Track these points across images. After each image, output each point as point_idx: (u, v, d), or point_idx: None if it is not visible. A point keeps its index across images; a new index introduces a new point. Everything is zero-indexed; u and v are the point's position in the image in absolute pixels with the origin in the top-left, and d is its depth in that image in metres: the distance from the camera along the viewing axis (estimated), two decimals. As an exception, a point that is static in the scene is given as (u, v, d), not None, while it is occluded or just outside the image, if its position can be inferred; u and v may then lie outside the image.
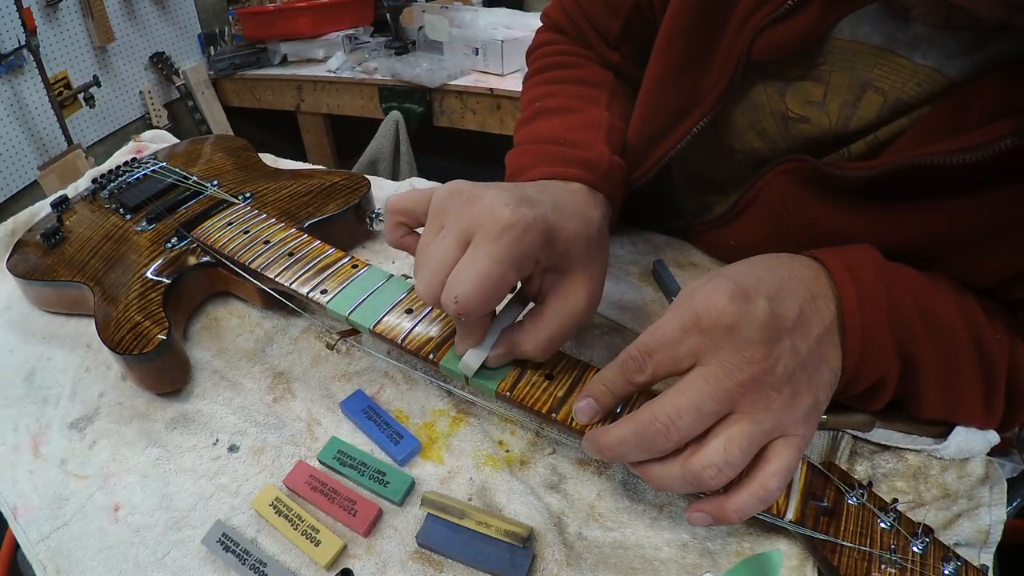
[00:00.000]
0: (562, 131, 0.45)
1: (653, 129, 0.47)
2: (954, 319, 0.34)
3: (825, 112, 0.39)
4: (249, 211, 0.50)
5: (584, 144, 0.44)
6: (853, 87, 0.37)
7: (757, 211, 0.47)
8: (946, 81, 0.34)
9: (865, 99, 0.37)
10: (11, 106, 1.53)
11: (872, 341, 0.32)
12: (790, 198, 0.43)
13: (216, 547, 0.34)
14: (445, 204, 0.33)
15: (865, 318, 0.32)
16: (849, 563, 0.30)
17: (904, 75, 0.35)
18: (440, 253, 0.32)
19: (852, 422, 0.38)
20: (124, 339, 0.41)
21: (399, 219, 0.36)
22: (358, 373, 0.44)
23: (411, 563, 0.34)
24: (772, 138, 0.43)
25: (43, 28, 1.57)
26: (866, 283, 0.33)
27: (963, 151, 0.31)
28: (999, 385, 0.35)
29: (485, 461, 0.38)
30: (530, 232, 0.31)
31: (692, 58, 0.43)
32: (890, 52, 0.35)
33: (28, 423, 0.43)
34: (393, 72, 1.73)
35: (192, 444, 0.40)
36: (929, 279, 0.36)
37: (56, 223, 0.53)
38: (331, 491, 0.36)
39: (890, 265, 0.35)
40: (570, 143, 0.44)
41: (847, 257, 0.34)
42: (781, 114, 0.42)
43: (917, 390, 0.35)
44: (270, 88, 1.98)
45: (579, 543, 0.34)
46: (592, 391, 0.32)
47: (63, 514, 0.37)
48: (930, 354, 0.34)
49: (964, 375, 0.35)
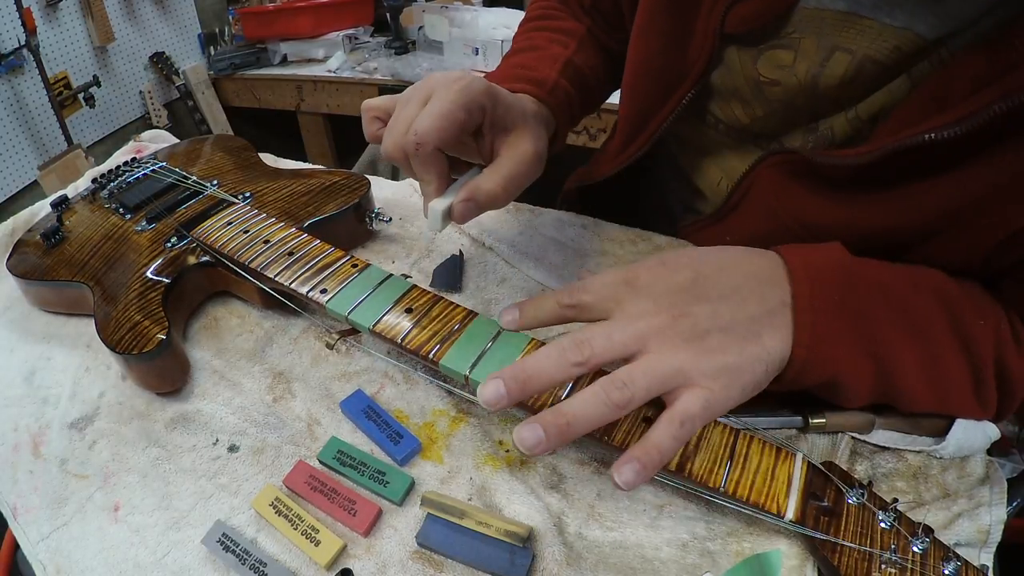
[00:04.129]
0: (523, 61, 0.53)
1: (641, 105, 0.51)
2: (932, 311, 0.35)
3: (793, 73, 0.42)
4: (249, 211, 0.50)
5: (538, 69, 0.51)
6: (822, 50, 0.39)
7: (750, 206, 0.47)
8: (920, 40, 0.35)
9: (833, 59, 0.39)
10: (11, 106, 1.53)
11: (823, 339, 0.32)
12: (782, 191, 0.44)
13: (216, 547, 0.34)
14: (409, 91, 0.38)
15: (816, 315, 0.32)
16: (849, 563, 0.30)
17: (871, 35, 0.36)
18: (405, 113, 0.37)
19: (851, 423, 0.38)
20: (124, 339, 0.41)
21: (373, 114, 0.41)
22: (358, 373, 0.44)
23: (411, 563, 0.34)
24: (750, 104, 0.46)
25: (43, 28, 1.56)
26: (823, 283, 0.33)
27: (952, 125, 0.31)
28: (987, 374, 0.35)
29: (485, 461, 0.38)
30: (476, 82, 0.37)
31: (674, 35, 0.46)
32: (855, 16, 0.37)
33: (28, 423, 0.43)
34: (393, 72, 1.73)
35: (192, 444, 0.40)
36: (905, 274, 0.36)
37: (56, 223, 0.53)
38: (331, 491, 0.36)
39: (859, 263, 0.35)
40: (526, 67, 0.51)
41: (809, 255, 0.34)
42: (754, 80, 0.44)
43: (899, 387, 0.35)
44: (270, 88, 1.98)
45: (579, 543, 0.34)
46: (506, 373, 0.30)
47: (63, 514, 0.37)
48: (906, 350, 0.34)
49: (948, 367, 0.35)
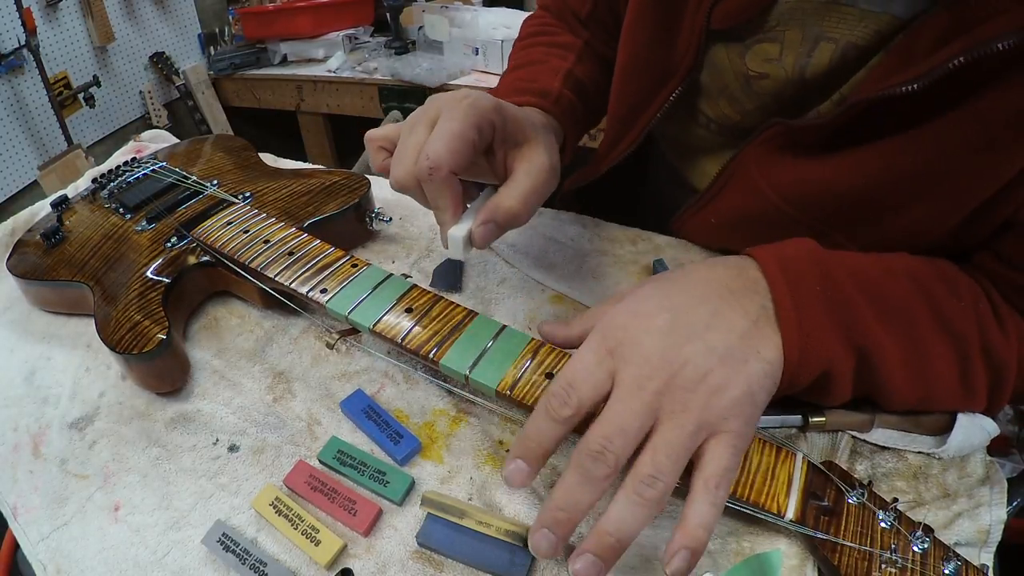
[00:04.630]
0: (524, 75, 0.53)
1: (631, 102, 0.51)
2: (909, 298, 0.34)
3: (782, 66, 0.42)
4: (249, 210, 0.50)
5: (540, 81, 0.52)
6: (806, 40, 0.40)
7: (734, 185, 0.48)
8: (896, 21, 0.36)
9: (818, 49, 0.40)
10: (11, 106, 1.53)
11: (811, 332, 0.32)
12: (764, 165, 0.44)
13: (216, 547, 0.34)
14: (413, 116, 0.38)
15: (800, 311, 0.32)
16: (849, 563, 0.30)
17: (851, 22, 0.37)
18: (412, 139, 0.36)
19: (851, 422, 0.38)
20: (124, 338, 0.41)
21: (378, 144, 0.40)
22: (358, 373, 0.44)
23: (411, 563, 0.34)
24: (740, 100, 0.46)
25: (43, 28, 1.57)
26: (799, 276, 0.33)
27: (913, 80, 0.32)
28: (973, 359, 0.35)
29: (485, 461, 0.38)
30: (484, 99, 0.36)
31: (659, 34, 0.46)
32: (835, 3, 0.37)
33: (28, 423, 0.43)
34: (393, 72, 1.73)
35: (192, 444, 0.40)
36: (877, 261, 0.36)
37: (56, 223, 0.53)
38: (331, 491, 0.36)
39: (830, 254, 0.35)
40: (529, 80, 0.52)
41: (780, 251, 0.34)
42: (743, 75, 0.45)
43: (881, 379, 0.34)
44: (270, 88, 1.98)
45: (579, 543, 0.34)
46: (517, 450, 0.30)
47: (63, 514, 0.37)
48: (886, 339, 0.33)
49: (931, 354, 0.34)
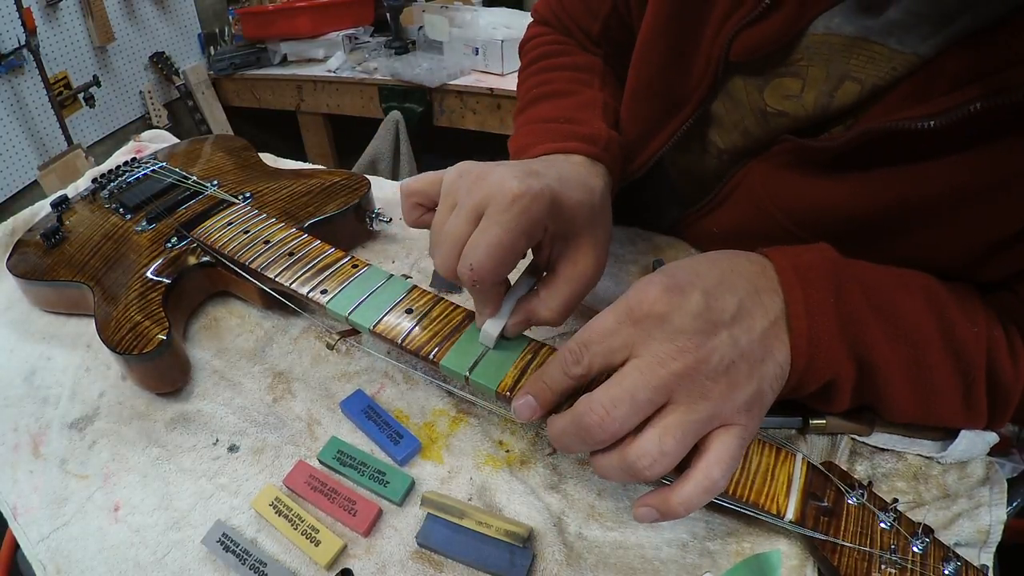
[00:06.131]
0: (561, 111, 0.48)
1: (640, 129, 0.49)
2: (921, 316, 0.34)
3: (802, 103, 0.40)
4: (249, 211, 0.50)
5: (582, 121, 0.46)
6: (831, 79, 0.38)
7: (738, 197, 0.47)
8: (919, 60, 0.34)
9: (842, 89, 0.37)
10: (11, 106, 1.53)
11: (820, 343, 0.32)
12: (770, 181, 0.43)
13: (216, 547, 0.34)
14: (456, 183, 0.35)
15: (812, 320, 0.32)
16: (849, 563, 0.30)
17: (880, 62, 0.35)
18: (454, 228, 0.33)
19: (851, 426, 0.38)
20: (124, 339, 0.41)
21: (415, 200, 0.38)
22: (358, 373, 0.44)
23: (411, 563, 0.34)
24: (754, 135, 0.44)
25: (43, 28, 1.57)
26: (814, 285, 0.33)
27: (931, 116, 0.31)
28: (978, 382, 0.34)
29: (485, 461, 0.38)
30: (537, 201, 0.33)
31: (673, 60, 0.44)
32: (864, 40, 0.35)
33: (28, 423, 0.43)
34: (393, 72, 1.73)
35: (192, 444, 0.40)
36: (894, 276, 0.36)
37: (56, 223, 0.53)
38: (331, 491, 0.36)
39: (847, 264, 0.35)
40: (569, 120, 0.46)
41: (798, 258, 0.34)
42: (760, 110, 0.42)
43: (881, 393, 0.34)
44: (270, 88, 1.98)
45: (579, 543, 0.34)
46: (531, 388, 0.32)
47: (63, 514, 0.37)
48: (891, 354, 0.33)
49: (936, 373, 0.34)
